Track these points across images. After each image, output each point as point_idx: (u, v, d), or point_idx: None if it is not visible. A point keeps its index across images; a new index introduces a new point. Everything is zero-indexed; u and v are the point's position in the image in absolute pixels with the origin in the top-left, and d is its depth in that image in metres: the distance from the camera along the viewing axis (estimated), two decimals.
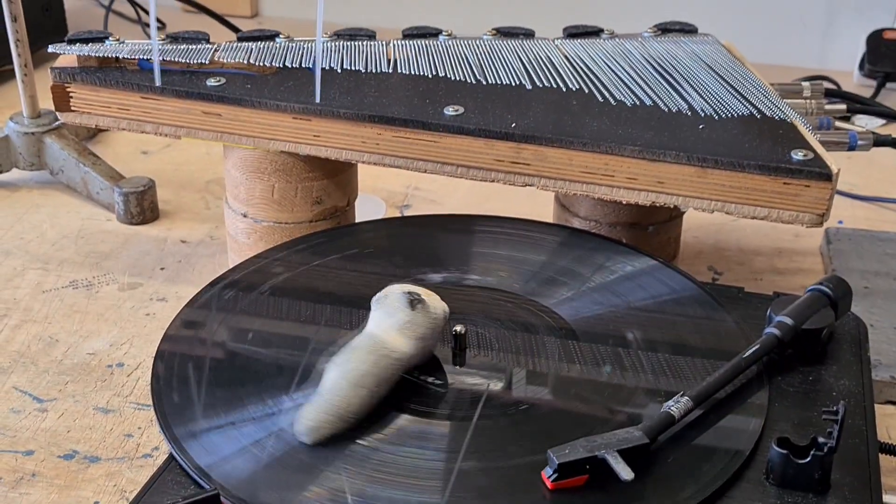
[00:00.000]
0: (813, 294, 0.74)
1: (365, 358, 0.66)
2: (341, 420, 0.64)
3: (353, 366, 0.66)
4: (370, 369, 0.66)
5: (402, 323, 0.68)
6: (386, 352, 0.67)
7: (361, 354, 0.66)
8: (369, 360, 0.66)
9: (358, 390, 0.65)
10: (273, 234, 0.93)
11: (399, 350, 0.67)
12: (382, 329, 0.68)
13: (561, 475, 0.59)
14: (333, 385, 0.65)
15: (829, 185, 0.79)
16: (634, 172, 0.82)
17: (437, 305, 0.70)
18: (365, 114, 0.87)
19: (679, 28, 1.03)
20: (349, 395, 0.65)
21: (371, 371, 0.66)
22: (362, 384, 0.65)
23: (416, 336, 0.68)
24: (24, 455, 0.78)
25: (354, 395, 0.65)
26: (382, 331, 0.68)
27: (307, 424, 0.64)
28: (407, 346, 0.68)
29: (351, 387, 0.65)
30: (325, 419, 0.64)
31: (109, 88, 0.92)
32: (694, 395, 0.65)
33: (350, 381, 0.65)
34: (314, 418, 0.64)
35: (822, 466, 0.60)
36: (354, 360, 0.66)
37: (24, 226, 1.13)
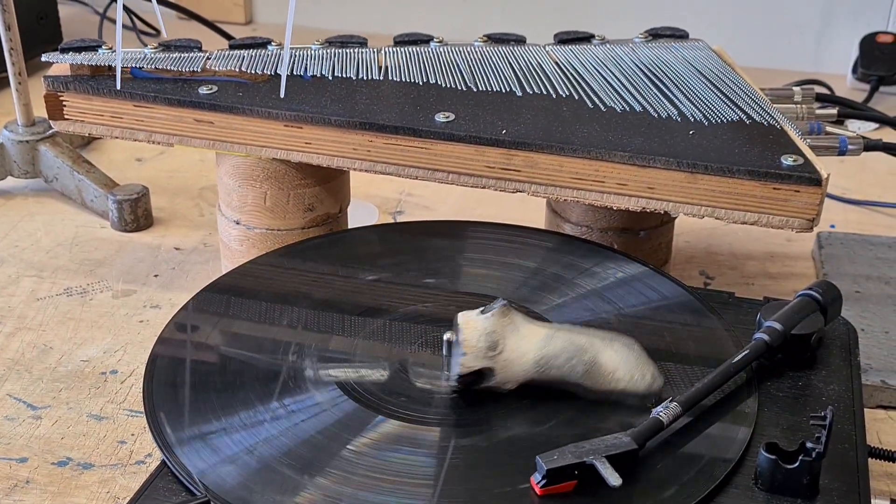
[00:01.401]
0: (802, 299, 0.75)
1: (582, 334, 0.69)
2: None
3: (597, 339, 0.69)
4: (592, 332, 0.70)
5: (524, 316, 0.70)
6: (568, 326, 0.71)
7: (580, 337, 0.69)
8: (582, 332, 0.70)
9: (616, 337, 0.70)
10: (266, 241, 0.93)
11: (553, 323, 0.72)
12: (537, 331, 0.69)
13: (550, 481, 0.59)
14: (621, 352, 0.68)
15: (819, 191, 0.79)
16: (625, 178, 0.83)
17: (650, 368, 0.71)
18: (356, 121, 0.87)
19: (670, 33, 1.04)
20: (627, 341, 0.69)
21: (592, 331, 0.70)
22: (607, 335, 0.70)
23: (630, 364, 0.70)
24: (18, 462, 0.78)
25: (622, 339, 0.70)
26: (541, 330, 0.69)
27: (658, 375, 0.69)
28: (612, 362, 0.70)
29: (616, 340, 0.69)
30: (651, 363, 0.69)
31: (102, 97, 0.92)
32: (683, 400, 0.65)
33: (612, 340, 0.69)
34: (654, 370, 0.69)
35: (811, 472, 0.60)
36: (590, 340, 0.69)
37: (19, 233, 1.13)
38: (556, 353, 0.67)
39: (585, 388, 0.68)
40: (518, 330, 0.68)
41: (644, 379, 0.68)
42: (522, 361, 0.67)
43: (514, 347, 0.67)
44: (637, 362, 0.68)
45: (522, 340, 0.67)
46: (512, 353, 0.67)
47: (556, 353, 0.67)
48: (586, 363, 0.67)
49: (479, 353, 0.67)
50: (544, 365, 0.67)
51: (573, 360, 0.67)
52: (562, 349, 0.67)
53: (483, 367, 0.67)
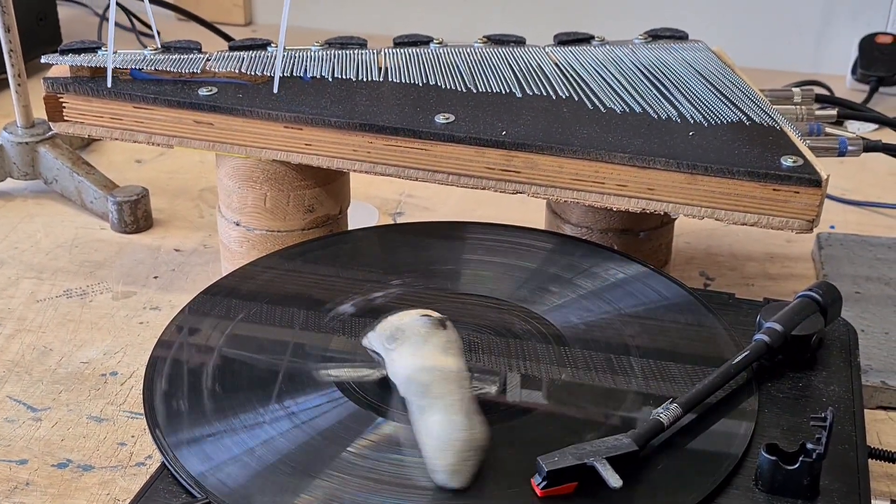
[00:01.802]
0: (802, 300, 0.75)
1: (450, 387, 0.64)
2: (479, 451, 0.62)
3: (451, 398, 0.63)
4: (465, 394, 0.64)
5: (445, 343, 0.67)
6: (454, 375, 0.65)
7: (444, 386, 0.64)
8: (454, 387, 0.64)
9: (473, 416, 0.63)
10: (266, 242, 0.93)
11: (460, 368, 0.66)
12: (429, 357, 0.66)
13: (550, 483, 0.59)
14: (449, 424, 0.62)
15: (819, 192, 0.79)
16: (624, 179, 0.83)
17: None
18: (356, 122, 0.87)
19: (669, 35, 1.04)
20: (471, 425, 0.62)
21: (466, 395, 0.64)
22: (472, 410, 0.63)
23: (460, 352, 0.68)
24: (18, 464, 0.78)
25: (475, 421, 0.63)
26: (432, 359, 0.66)
27: (451, 471, 0.61)
28: (461, 363, 0.66)
29: (467, 416, 0.62)
30: (464, 458, 0.61)
31: (102, 98, 0.92)
32: (683, 401, 0.65)
33: (462, 411, 0.63)
34: (455, 462, 0.61)
35: (811, 473, 0.60)
36: (446, 394, 0.63)
37: (19, 235, 1.13)
38: (414, 382, 0.65)
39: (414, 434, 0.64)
40: (422, 345, 0.66)
41: (436, 460, 0.61)
42: (399, 371, 0.66)
43: (403, 354, 0.67)
44: (448, 444, 0.61)
45: (412, 355, 0.66)
46: (398, 357, 0.67)
47: (414, 382, 0.65)
48: (418, 408, 0.64)
49: (380, 338, 0.69)
50: (405, 388, 0.66)
51: (414, 398, 0.64)
52: (418, 383, 0.64)
53: (375, 349, 0.69)
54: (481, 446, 0.62)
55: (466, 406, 0.63)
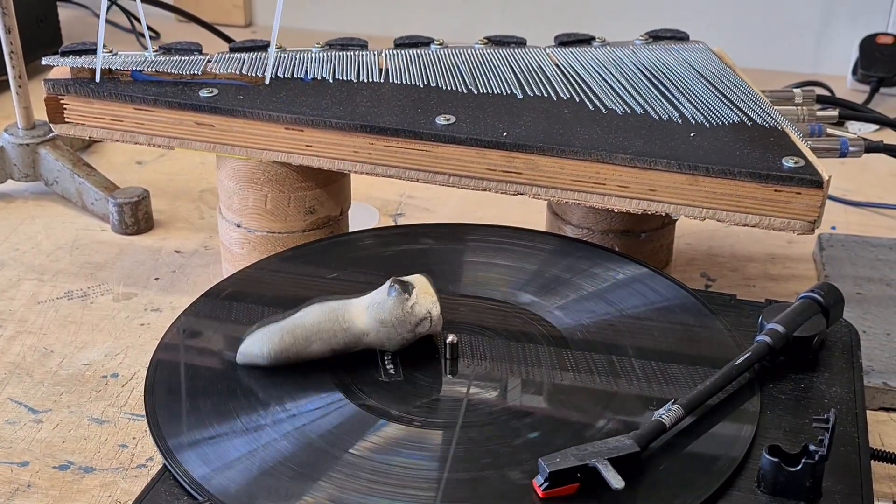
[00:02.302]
0: (804, 301, 0.74)
1: (316, 315, 0.71)
2: (263, 357, 0.71)
3: (299, 315, 0.71)
4: (310, 324, 0.71)
5: (371, 302, 0.72)
6: (338, 318, 0.71)
7: (315, 311, 0.71)
8: (318, 317, 0.71)
9: (285, 335, 0.70)
10: (266, 243, 0.93)
11: (351, 322, 0.71)
12: (356, 301, 0.72)
13: (552, 484, 0.59)
14: (275, 324, 0.71)
15: (821, 193, 0.79)
16: (626, 180, 0.82)
17: (422, 303, 0.71)
18: (357, 123, 0.87)
19: (670, 35, 1.03)
20: (276, 337, 0.70)
21: (310, 326, 0.71)
22: (292, 333, 0.70)
23: (378, 318, 0.71)
24: (20, 466, 0.78)
25: (280, 338, 0.70)
26: (354, 302, 0.72)
27: (242, 348, 0.71)
28: (363, 323, 0.71)
29: (280, 331, 0.70)
30: (251, 349, 0.71)
31: (103, 100, 0.92)
32: (685, 402, 0.65)
33: (283, 326, 0.71)
34: (246, 344, 0.71)
35: (814, 474, 0.60)
36: (306, 313, 0.71)
37: (20, 237, 1.13)
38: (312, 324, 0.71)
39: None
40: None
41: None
42: None
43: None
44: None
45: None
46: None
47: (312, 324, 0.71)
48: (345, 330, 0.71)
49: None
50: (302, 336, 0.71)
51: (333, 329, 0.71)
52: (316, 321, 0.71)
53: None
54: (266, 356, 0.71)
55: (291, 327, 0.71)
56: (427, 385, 0.70)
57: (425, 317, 0.71)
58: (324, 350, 0.71)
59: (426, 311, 0.71)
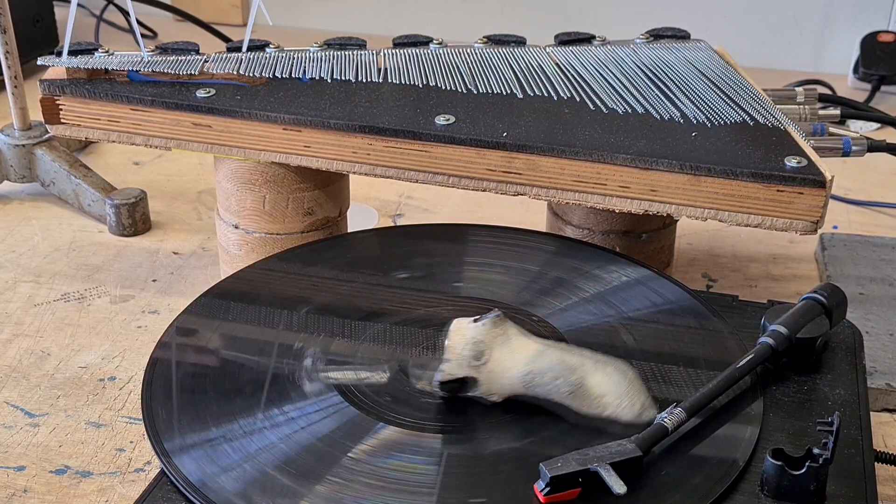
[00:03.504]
0: (807, 302, 0.74)
1: (573, 352, 0.68)
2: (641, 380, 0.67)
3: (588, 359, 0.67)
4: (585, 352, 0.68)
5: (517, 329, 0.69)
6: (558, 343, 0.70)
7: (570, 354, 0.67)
8: (574, 350, 0.68)
9: (610, 361, 0.67)
10: (265, 245, 0.93)
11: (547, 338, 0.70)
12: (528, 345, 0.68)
13: (553, 489, 0.58)
14: (613, 374, 0.66)
15: (823, 193, 0.78)
16: (627, 181, 0.82)
17: None
18: (355, 124, 0.86)
19: (671, 34, 1.03)
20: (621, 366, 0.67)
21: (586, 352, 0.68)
22: (602, 358, 0.68)
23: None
24: (16, 471, 0.77)
25: (616, 363, 0.67)
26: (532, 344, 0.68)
27: (650, 405, 0.66)
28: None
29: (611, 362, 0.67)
30: (644, 389, 0.67)
31: (99, 101, 0.91)
32: (687, 406, 0.64)
33: (605, 360, 0.67)
34: (646, 398, 0.66)
35: (818, 478, 0.59)
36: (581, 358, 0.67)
37: (16, 238, 1.12)
38: (544, 370, 0.66)
39: (571, 409, 0.66)
40: (508, 342, 0.67)
41: (633, 408, 0.65)
42: (508, 375, 0.66)
43: (500, 360, 0.66)
44: (628, 389, 0.66)
45: (511, 354, 0.66)
46: (497, 365, 0.66)
47: (544, 370, 0.66)
48: (573, 384, 0.65)
49: (463, 362, 0.66)
50: (530, 381, 0.66)
51: (559, 380, 0.65)
52: (549, 367, 0.66)
53: (465, 375, 0.66)
54: (639, 377, 0.67)
55: (599, 358, 0.67)
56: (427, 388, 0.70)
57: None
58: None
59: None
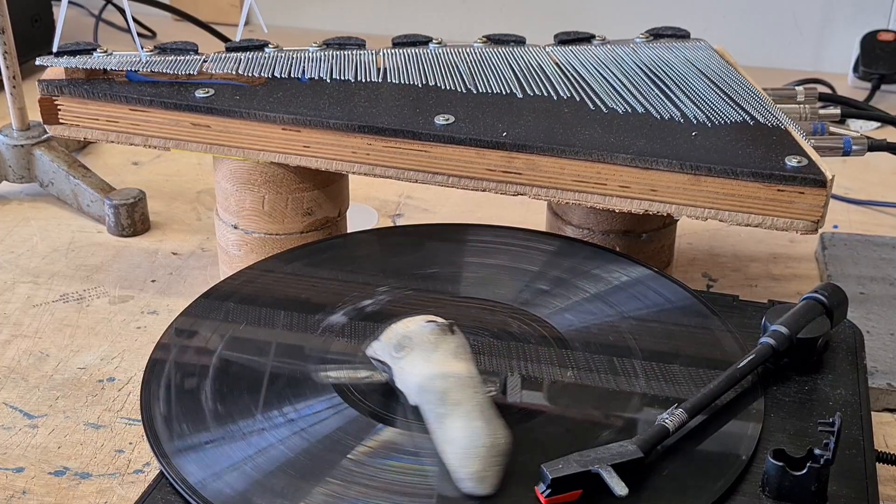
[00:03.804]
0: (808, 302, 0.74)
1: (466, 393, 0.63)
2: (504, 456, 0.61)
3: (469, 405, 0.62)
4: (482, 399, 0.63)
5: (455, 348, 0.66)
6: (469, 380, 0.64)
7: (461, 392, 0.63)
8: (470, 392, 0.63)
9: (494, 421, 0.62)
10: (264, 245, 0.93)
11: (472, 373, 0.65)
12: (441, 364, 0.65)
13: (554, 490, 0.58)
14: (472, 431, 0.61)
15: (824, 192, 0.78)
16: (627, 180, 0.82)
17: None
18: (355, 124, 0.86)
19: (671, 33, 1.03)
20: (493, 430, 0.61)
21: (484, 400, 0.63)
22: (492, 414, 0.62)
23: (470, 356, 0.66)
24: (15, 472, 0.77)
25: (497, 426, 0.62)
26: (445, 365, 0.65)
27: (478, 478, 0.60)
28: (473, 368, 0.65)
29: (488, 421, 0.62)
30: (490, 463, 0.60)
31: (97, 101, 0.91)
32: (688, 406, 0.64)
33: (482, 416, 0.62)
34: (481, 469, 0.60)
35: (819, 479, 0.59)
36: (464, 400, 0.62)
37: (15, 239, 1.12)
38: (429, 390, 0.63)
39: (435, 441, 0.63)
40: (432, 352, 0.65)
41: (463, 468, 0.60)
42: (411, 380, 0.65)
43: (413, 362, 0.65)
44: (474, 451, 0.60)
45: (424, 362, 0.65)
46: (409, 365, 0.65)
47: (429, 390, 0.63)
48: (437, 416, 0.62)
49: (388, 348, 0.67)
50: (419, 396, 0.64)
51: (431, 406, 0.63)
52: (434, 390, 0.63)
53: (382, 359, 0.67)
54: (505, 451, 0.61)
55: (486, 411, 0.62)
56: None
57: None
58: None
59: None
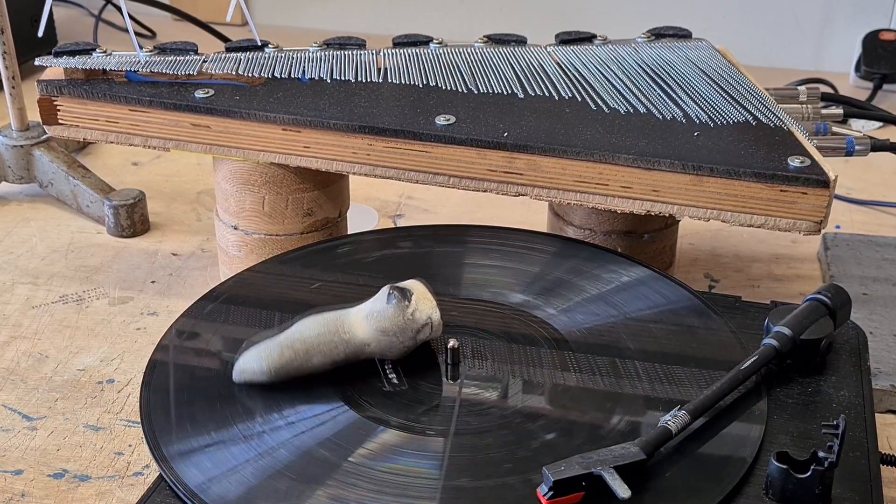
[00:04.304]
0: (811, 303, 0.73)
1: (315, 327, 0.69)
2: (263, 373, 0.68)
3: (297, 329, 0.69)
4: (310, 337, 0.69)
5: (370, 311, 0.70)
6: (337, 329, 0.69)
7: (313, 323, 0.69)
8: (317, 330, 0.69)
9: (284, 350, 0.68)
10: (264, 246, 0.92)
11: (352, 333, 0.69)
12: (354, 311, 0.70)
13: (556, 493, 0.58)
14: (272, 340, 0.69)
15: (827, 193, 0.78)
16: (629, 181, 0.81)
17: (422, 309, 0.70)
18: (355, 124, 0.86)
19: (673, 33, 1.02)
20: (275, 352, 0.68)
21: (309, 339, 0.69)
22: (292, 347, 0.68)
23: (379, 328, 0.69)
24: (14, 475, 0.77)
25: (279, 353, 0.68)
26: (352, 312, 0.70)
27: (238, 365, 0.69)
28: (364, 333, 0.69)
29: (279, 346, 0.68)
30: (250, 365, 0.68)
31: (97, 101, 0.91)
32: (691, 408, 0.64)
33: (282, 341, 0.68)
34: (243, 361, 0.69)
35: (823, 482, 0.59)
36: (304, 326, 0.69)
37: (14, 240, 1.12)
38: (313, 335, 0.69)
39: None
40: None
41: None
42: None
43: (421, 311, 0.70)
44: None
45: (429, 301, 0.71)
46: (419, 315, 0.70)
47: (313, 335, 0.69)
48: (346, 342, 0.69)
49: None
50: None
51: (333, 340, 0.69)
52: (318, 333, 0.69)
53: None
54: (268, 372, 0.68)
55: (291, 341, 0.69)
56: (428, 391, 0.69)
57: (426, 323, 0.70)
58: (325, 363, 0.69)
59: (427, 318, 0.70)
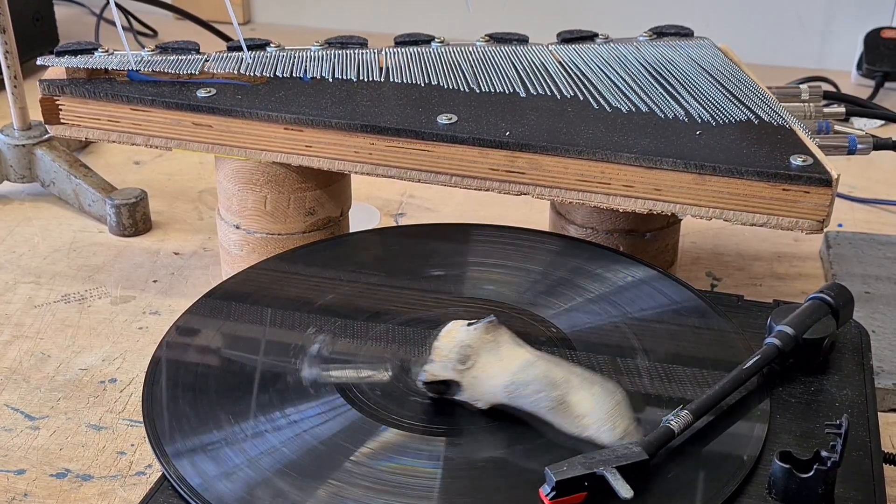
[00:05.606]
0: (814, 302, 0.73)
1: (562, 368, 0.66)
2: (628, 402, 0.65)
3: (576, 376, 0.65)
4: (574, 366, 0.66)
5: (510, 337, 0.67)
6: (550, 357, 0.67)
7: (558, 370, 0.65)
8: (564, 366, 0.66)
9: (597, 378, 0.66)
10: (266, 245, 0.92)
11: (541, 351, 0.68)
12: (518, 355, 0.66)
13: (559, 493, 0.58)
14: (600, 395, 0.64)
15: (829, 191, 0.78)
16: (631, 180, 0.81)
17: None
18: (357, 123, 0.86)
19: (675, 32, 1.02)
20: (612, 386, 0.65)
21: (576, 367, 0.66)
22: (589, 374, 0.66)
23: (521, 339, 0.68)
24: (16, 474, 0.77)
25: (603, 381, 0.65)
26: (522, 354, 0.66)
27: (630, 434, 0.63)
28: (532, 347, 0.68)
29: (598, 383, 0.65)
30: (629, 416, 0.64)
31: (99, 100, 0.91)
32: (694, 408, 0.63)
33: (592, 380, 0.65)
34: (628, 425, 0.63)
35: (826, 481, 0.59)
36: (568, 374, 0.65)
37: (16, 239, 1.12)
38: (527, 382, 0.64)
39: (552, 425, 0.64)
40: (498, 349, 0.66)
41: (614, 431, 0.62)
42: (492, 383, 0.65)
43: (486, 366, 0.65)
44: (611, 412, 0.63)
45: (498, 361, 0.65)
46: (483, 371, 0.65)
47: (527, 382, 0.64)
48: (554, 399, 0.63)
49: (448, 364, 0.66)
50: (513, 392, 0.64)
51: (541, 394, 0.64)
52: (534, 379, 0.64)
53: (449, 378, 0.66)
54: (626, 398, 0.65)
55: (586, 375, 0.65)
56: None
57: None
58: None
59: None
